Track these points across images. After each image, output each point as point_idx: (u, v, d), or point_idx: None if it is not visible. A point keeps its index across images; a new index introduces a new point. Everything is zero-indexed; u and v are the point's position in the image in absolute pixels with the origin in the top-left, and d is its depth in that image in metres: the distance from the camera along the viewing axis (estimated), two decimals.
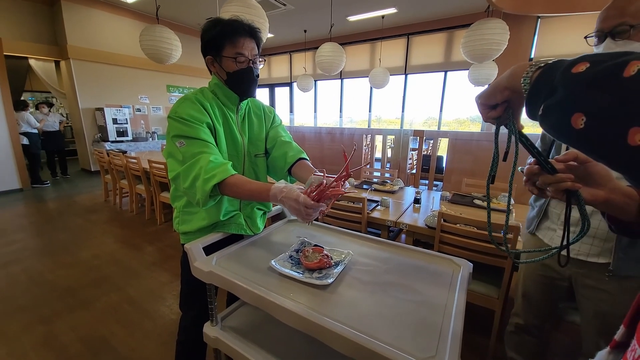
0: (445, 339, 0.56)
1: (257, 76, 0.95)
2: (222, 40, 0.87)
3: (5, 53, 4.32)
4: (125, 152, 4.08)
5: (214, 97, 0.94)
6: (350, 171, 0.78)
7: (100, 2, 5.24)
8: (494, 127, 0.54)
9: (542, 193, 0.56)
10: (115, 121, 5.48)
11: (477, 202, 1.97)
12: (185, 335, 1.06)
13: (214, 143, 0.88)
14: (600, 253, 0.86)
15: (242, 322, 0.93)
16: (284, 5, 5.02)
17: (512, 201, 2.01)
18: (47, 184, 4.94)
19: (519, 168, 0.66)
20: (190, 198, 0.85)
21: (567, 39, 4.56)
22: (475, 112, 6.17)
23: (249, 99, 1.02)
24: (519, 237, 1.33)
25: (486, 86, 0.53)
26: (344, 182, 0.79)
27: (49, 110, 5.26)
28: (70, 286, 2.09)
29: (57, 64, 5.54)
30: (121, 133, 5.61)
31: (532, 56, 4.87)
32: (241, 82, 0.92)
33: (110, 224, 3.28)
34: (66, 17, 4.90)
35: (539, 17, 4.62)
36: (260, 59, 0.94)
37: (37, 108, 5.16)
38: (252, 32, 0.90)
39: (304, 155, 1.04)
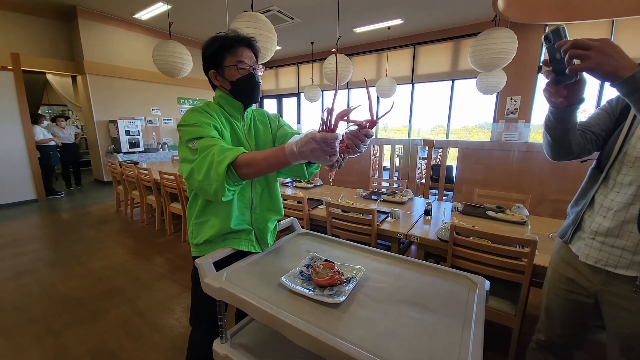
0: None
1: (259, 82, 0.99)
2: (222, 52, 0.92)
3: (23, 68, 4.51)
4: (137, 163, 4.17)
5: (219, 109, 0.96)
6: (374, 118, 0.72)
7: (115, 19, 5.46)
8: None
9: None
10: (127, 133, 5.62)
11: (490, 213, 1.92)
12: (195, 351, 1.04)
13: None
14: (629, 265, 0.82)
15: (252, 339, 0.91)
16: (292, 18, 5.14)
17: (527, 212, 1.95)
18: (62, 194, 5.05)
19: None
20: (206, 191, 0.79)
21: None
22: (484, 119, 6.11)
23: (253, 108, 1.05)
24: (536, 251, 1.28)
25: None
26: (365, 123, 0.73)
27: (66, 124, 5.43)
28: (81, 297, 2.10)
29: (73, 78, 5.75)
30: (133, 144, 5.74)
31: (542, 64, 4.83)
32: (245, 89, 0.95)
33: (121, 235, 3.32)
34: (83, 34, 5.11)
35: (546, 25, 4.60)
36: (260, 66, 0.98)
37: (53, 121, 5.32)
38: (249, 43, 0.95)
39: None
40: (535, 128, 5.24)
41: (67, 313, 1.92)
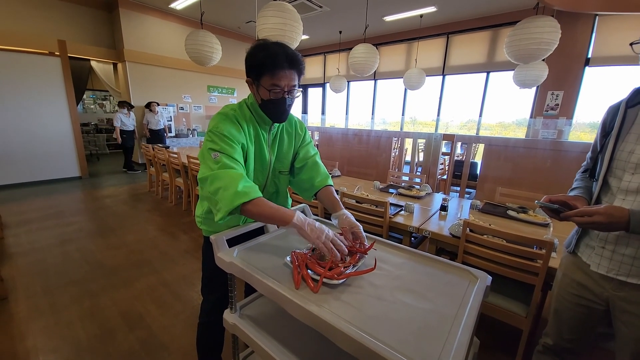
0: (450, 348, 0.56)
1: (290, 106, 0.99)
2: (262, 70, 0.91)
3: (69, 54, 4.87)
4: (168, 147, 4.43)
5: (250, 115, 1.00)
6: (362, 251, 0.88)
7: (152, 9, 5.72)
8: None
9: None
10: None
11: (510, 213, 1.85)
12: (206, 318, 1.15)
13: (243, 165, 0.93)
14: None
15: (259, 312, 0.98)
16: (320, 7, 5.09)
17: None
18: (139, 171, 5.79)
19: (537, 202, 0.90)
20: (211, 204, 0.86)
21: (627, 39, 4.09)
22: (521, 115, 5.74)
23: None
24: (553, 253, 1.24)
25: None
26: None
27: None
28: (115, 266, 2.32)
29: (114, 65, 6.14)
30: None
31: (590, 56, 4.43)
32: (272, 111, 0.97)
33: (152, 212, 3.58)
34: (123, 23, 5.41)
35: (596, 14, 4.19)
36: (297, 89, 0.97)
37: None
38: (292, 63, 0.91)
39: (330, 182, 1.11)
40: (579, 127, 4.86)
41: (103, 278, 2.14)
